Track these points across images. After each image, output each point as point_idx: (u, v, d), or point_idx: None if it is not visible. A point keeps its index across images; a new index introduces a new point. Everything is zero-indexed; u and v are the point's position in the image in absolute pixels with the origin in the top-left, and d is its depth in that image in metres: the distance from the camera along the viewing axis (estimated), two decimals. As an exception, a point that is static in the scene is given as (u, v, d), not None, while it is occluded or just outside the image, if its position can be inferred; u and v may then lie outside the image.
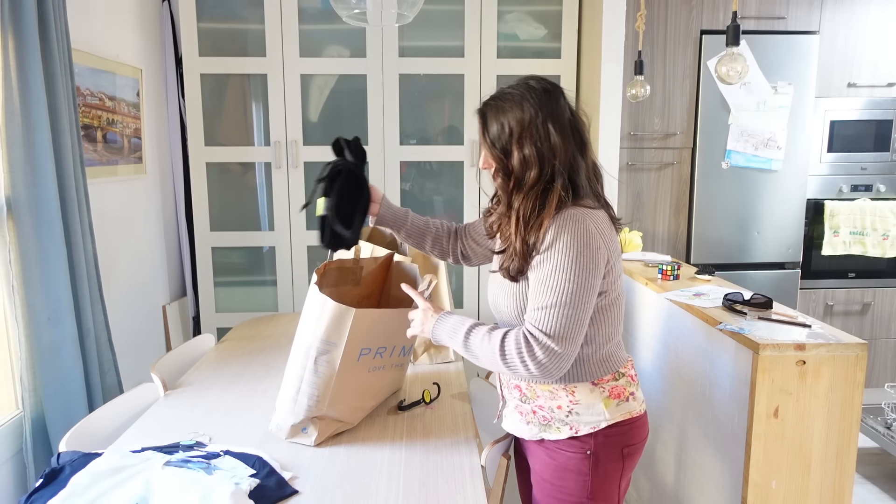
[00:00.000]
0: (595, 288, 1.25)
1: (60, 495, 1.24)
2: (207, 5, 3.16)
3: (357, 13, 2.07)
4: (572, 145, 1.30)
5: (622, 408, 1.37)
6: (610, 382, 1.36)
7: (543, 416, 1.39)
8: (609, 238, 1.29)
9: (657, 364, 2.32)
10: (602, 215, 1.31)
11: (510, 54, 3.30)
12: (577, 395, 1.35)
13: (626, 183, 3.26)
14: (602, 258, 1.25)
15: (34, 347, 1.88)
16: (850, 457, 1.70)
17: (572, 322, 1.22)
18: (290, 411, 1.53)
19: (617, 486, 1.40)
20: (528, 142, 1.28)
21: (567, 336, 1.22)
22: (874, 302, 3.45)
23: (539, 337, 1.23)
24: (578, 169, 1.30)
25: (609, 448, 1.36)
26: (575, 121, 1.34)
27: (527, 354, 1.22)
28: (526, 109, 1.29)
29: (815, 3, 3.24)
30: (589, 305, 1.24)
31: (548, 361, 1.22)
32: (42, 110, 1.85)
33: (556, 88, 1.34)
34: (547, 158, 1.28)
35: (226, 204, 3.34)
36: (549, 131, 1.28)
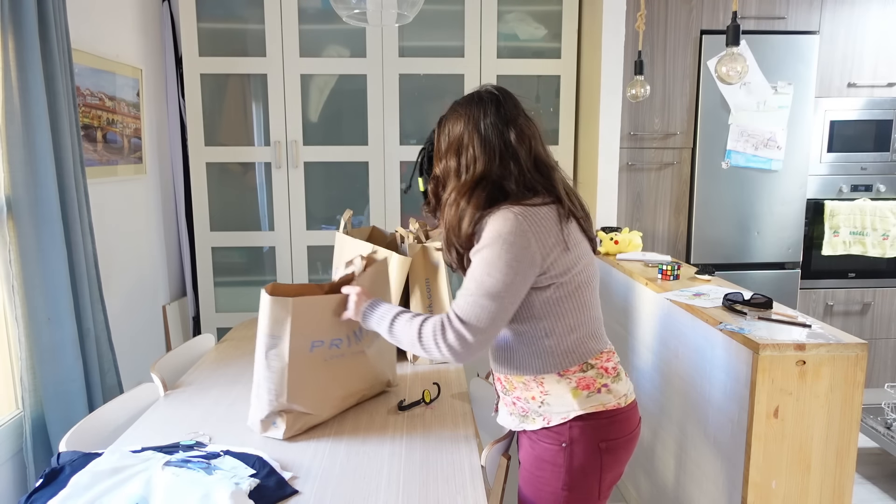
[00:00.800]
0: (519, 284, 1.29)
1: (60, 495, 1.24)
2: (207, 5, 3.16)
3: (357, 13, 2.07)
4: (493, 158, 1.36)
5: (593, 399, 1.37)
6: (577, 374, 1.38)
7: (521, 408, 1.44)
8: (546, 233, 1.31)
9: (657, 364, 2.32)
10: (545, 211, 1.33)
11: (510, 54, 3.30)
12: (545, 385, 1.38)
13: (626, 183, 3.26)
14: (531, 254, 1.29)
15: (34, 347, 1.88)
16: (850, 457, 1.70)
17: (488, 313, 1.28)
18: (256, 406, 1.58)
19: (597, 481, 1.40)
20: (453, 153, 1.39)
21: (480, 326, 1.28)
22: (874, 302, 3.45)
23: (455, 322, 1.30)
24: (508, 174, 1.36)
25: (584, 441, 1.37)
26: (506, 130, 1.38)
27: (440, 338, 1.31)
28: (459, 123, 1.40)
29: (815, 3, 3.24)
30: (509, 300, 1.29)
31: (459, 346, 1.29)
32: (42, 110, 1.85)
33: (492, 98, 1.40)
34: (464, 170, 1.37)
35: (226, 204, 3.34)
36: (471, 145, 1.37)
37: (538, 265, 1.31)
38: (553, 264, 1.32)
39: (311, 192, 3.34)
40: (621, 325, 2.68)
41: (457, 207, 1.37)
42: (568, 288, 1.35)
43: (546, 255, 1.31)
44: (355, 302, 1.51)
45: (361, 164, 3.33)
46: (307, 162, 3.30)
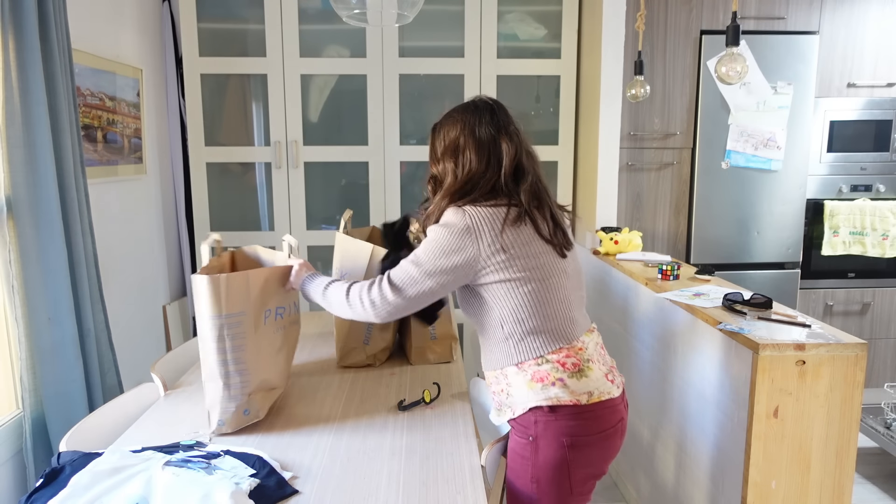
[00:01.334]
0: (449, 270, 1.42)
1: (60, 495, 1.24)
2: (207, 5, 3.16)
3: (357, 13, 2.07)
4: (485, 160, 1.49)
5: (547, 391, 1.41)
6: (532, 366, 1.44)
7: (497, 401, 1.53)
8: (489, 231, 1.42)
9: (657, 364, 2.32)
10: (496, 212, 1.44)
11: (510, 54, 3.30)
12: (508, 378, 1.47)
13: (626, 183, 3.26)
14: (468, 248, 1.41)
15: (34, 347, 1.88)
16: (849, 457, 1.70)
17: (413, 282, 1.44)
18: (227, 399, 1.55)
19: (566, 476, 1.43)
20: (449, 157, 1.51)
21: (403, 290, 1.45)
22: (874, 302, 3.45)
23: (383, 282, 1.47)
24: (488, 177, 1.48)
25: (548, 436, 1.42)
26: (497, 136, 1.50)
27: (366, 293, 1.48)
28: (455, 128, 1.52)
29: (815, 3, 3.24)
30: (436, 280, 1.42)
31: (378, 301, 1.46)
32: (42, 110, 1.85)
33: (486, 107, 1.53)
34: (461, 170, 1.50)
35: (226, 204, 3.35)
36: (466, 150, 1.49)
37: (478, 259, 1.42)
38: (495, 260, 1.42)
39: (311, 192, 3.34)
40: (621, 325, 2.68)
41: (440, 201, 1.50)
42: (513, 285, 1.43)
43: (488, 251, 1.41)
44: (296, 272, 1.64)
45: (361, 164, 3.33)
46: (307, 162, 3.30)
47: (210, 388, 1.56)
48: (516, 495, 1.49)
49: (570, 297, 1.49)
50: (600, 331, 2.95)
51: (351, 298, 1.50)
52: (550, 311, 1.45)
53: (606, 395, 1.45)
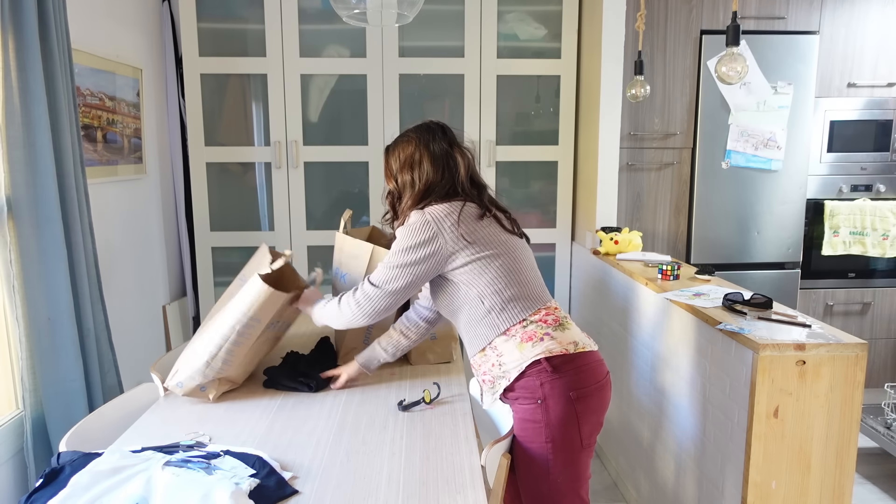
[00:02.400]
0: (418, 262, 1.59)
1: (60, 495, 1.24)
2: (207, 5, 3.16)
3: (357, 13, 2.07)
4: (439, 172, 1.67)
5: (538, 347, 1.55)
6: (519, 330, 1.58)
7: (489, 381, 1.63)
8: (449, 220, 1.59)
9: (657, 364, 2.32)
10: (452, 206, 1.62)
11: (510, 54, 3.30)
12: (498, 349, 1.59)
13: (626, 183, 3.26)
14: (429, 240, 1.58)
15: (34, 347, 1.88)
16: (850, 457, 1.70)
17: (389, 278, 1.61)
18: (199, 373, 1.71)
19: (576, 430, 1.56)
20: (407, 170, 1.69)
21: (381, 287, 1.63)
22: (874, 302, 3.45)
23: (365, 284, 1.66)
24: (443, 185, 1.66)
25: (556, 394, 1.54)
26: (451, 150, 1.69)
27: (351, 298, 1.67)
28: (409, 145, 1.70)
29: (815, 3, 3.24)
30: (410, 270, 1.59)
31: (363, 300, 1.65)
32: (42, 110, 1.85)
33: (438, 126, 1.72)
34: (417, 182, 1.67)
35: (226, 204, 3.35)
36: (423, 163, 1.67)
37: (444, 247, 1.59)
38: (460, 245, 1.59)
39: (311, 192, 3.34)
40: (621, 325, 2.68)
41: (404, 209, 1.68)
42: (485, 262, 1.60)
43: (452, 238, 1.58)
44: (305, 298, 1.84)
45: (361, 164, 3.33)
46: (307, 162, 3.30)
47: (192, 356, 1.72)
48: (530, 463, 1.58)
49: (534, 267, 1.69)
50: (600, 331, 2.95)
51: (341, 305, 1.70)
52: (524, 277, 1.62)
53: (589, 347, 1.61)
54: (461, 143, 1.74)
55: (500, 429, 1.78)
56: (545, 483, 1.58)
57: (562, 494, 1.58)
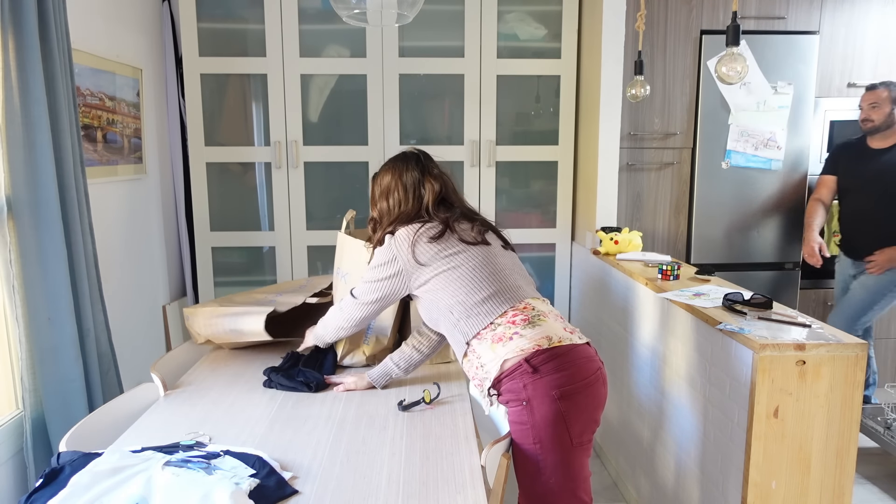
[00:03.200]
0: (384, 278, 1.74)
1: (60, 495, 1.24)
2: (207, 5, 3.16)
3: (357, 13, 2.07)
4: (410, 199, 1.80)
5: (508, 346, 1.57)
6: (489, 332, 1.61)
7: (478, 383, 1.65)
8: (407, 242, 1.71)
9: (657, 364, 2.32)
10: (412, 227, 1.74)
11: (510, 54, 3.30)
12: (476, 352, 1.63)
13: (626, 183, 3.26)
14: (391, 260, 1.72)
15: (34, 347, 1.88)
16: (850, 457, 1.70)
17: (364, 292, 1.79)
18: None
19: (564, 429, 1.55)
20: (385, 199, 1.84)
21: (359, 298, 1.80)
22: (874, 302, 3.45)
23: (350, 293, 1.83)
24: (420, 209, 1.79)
25: (539, 395, 1.54)
26: (422, 178, 1.82)
27: (339, 307, 1.86)
28: (386, 176, 1.85)
29: (815, 3, 3.24)
30: (379, 285, 1.75)
31: (346, 306, 1.83)
32: (42, 110, 1.85)
33: (413, 157, 1.86)
34: (393, 208, 1.82)
35: (226, 204, 3.35)
36: (397, 192, 1.82)
37: (404, 267, 1.71)
38: (417, 263, 1.70)
39: (311, 192, 3.34)
40: (621, 325, 2.68)
41: (380, 233, 1.82)
42: (445, 276, 1.68)
43: (409, 258, 1.70)
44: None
45: (361, 164, 3.33)
46: (307, 162, 3.30)
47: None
48: (524, 464, 1.58)
49: (507, 268, 1.73)
50: (600, 331, 2.95)
51: (334, 311, 1.88)
52: (486, 282, 1.67)
53: (568, 341, 1.59)
54: (434, 169, 1.86)
55: (500, 429, 1.78)
56: (539, 484, 1.58)
57: (556, 495, 1.58)
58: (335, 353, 2.06)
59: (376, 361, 2.05)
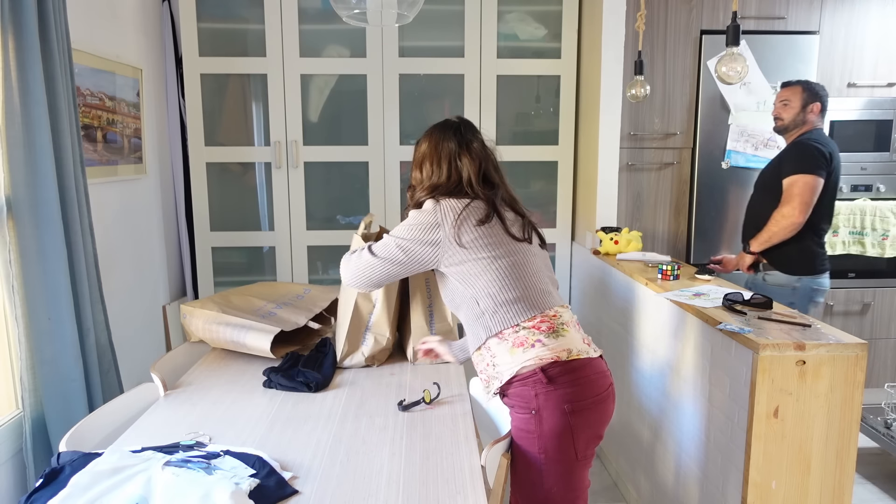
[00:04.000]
0: (415, 241, 1.63)
1: (60, 495, 1.24)
2: (207, 5, 3.16)
3: (357, 13, 2.07)
4: (454, 169, 1.71)
5: (528, 353, 1.53)
6: (511, 334, 1.56)
7: (485, 378, 1.63)
8: (453, 215, 1.62)
9: (657, 364, 2.32)
10: (458, 202, 1.64)
11: (510, 54, 3.30)
12: (491, 350, 1.59)
13: (626, 183, 3.26)
14: (432, 226, 1.62)
15: (34, 347, 1.88)
16: (850, 457, 1.70)
17: (385, 246, 1.67)
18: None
19: (571, 443, 1.53)
20: (425, 165, 1.74)
21: (376, 252, 1.68)
22: (874, 302, 3.45)
23: (366, 249, 1.70)
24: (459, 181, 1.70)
25: (550, 407, 1.51)
26: (459, 150, 1.72)
27: (354, 255, 1.73)
28: (424, 143, 1.76)
29: (815, 3, 3.24)
30: (406, 247, 1.63)
31: (359, 262, 1.70)
32: (42, 110, 1.85)
33: (452, 126, 1.75)
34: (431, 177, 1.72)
35: (226, 204, 3.34)
36: (441, 160, 1.72)
37: (441, 240, 1.61)
38: (457, 243, 1.60)
39: (311, 192, 3.34)
40: (621, 325, 2.68)
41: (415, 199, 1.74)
42: (482, 264, 1.61)
43: (451, 234, 1.61)
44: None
45: (361, 164, 3.33)
46: (307, 162, 3.30)
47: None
48: (526, 470, 1.57)
49: (540, 272, 1.66)
50: (600, 331, 2.95)
51: (350, 260, 1.74)
52: (521, 283, 1.61)
53: (585, 355, 1.57)
54: (474, 143, 1.75)
55: (500, 429, 1.78)
56: (539, 491, 1.57)
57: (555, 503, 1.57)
58: (335, 354, 2.06)
59: (375, 362, 2.05)
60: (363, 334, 2.06)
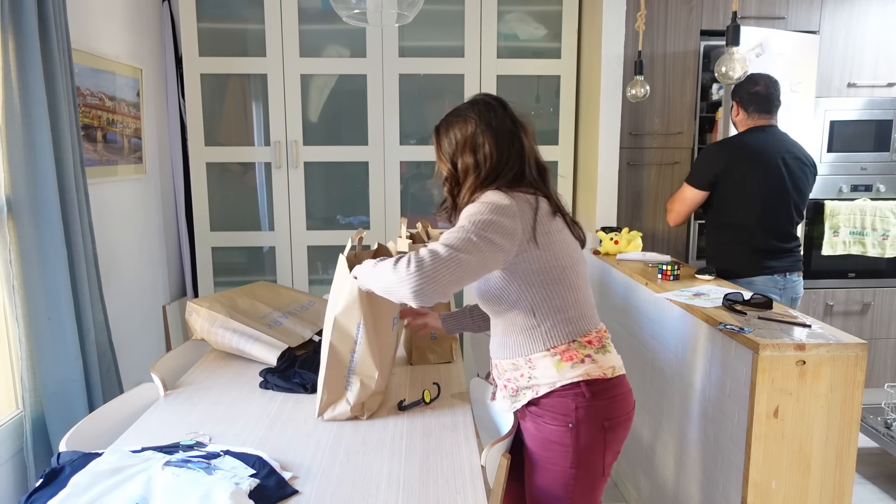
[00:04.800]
0: (494, 241, 1.35)
1: (60, 495, 1.24)
2: (207, 5, 3.16)
3: (357, 13, 2.07)
4: (505, 152, 1.49)
5: (577, 369, 1.46)
6: (562, 348, 1.47)
7: (512, 388, 1.54)
8: (529, 217, 1.42)
9: (657, 364, 2.32)
10: (534, 199, 1.45)
11: (510, 54, 3.30)
12: (533, 362, 1.48)
13: (626, 183, 3.26)
14: (512, 226, 1.39)
15: (34, 347, 1.88)
16: (850, 457, 1.70)
17: (464, 243, 1.33)
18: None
19: (601, 458, 1.49)
20: (468, 152, 1.50)
21: (455, 246, 1.32)
22: (874, 302, 3.45)
23: (432, 244, 1.37)
24: (510, 168, 1.49)
25: (589, 421, 1.46)
26: (515, 129, 1.51)
27: (413, 256, 1.32)
28: (467, 126, 1.51)
29: (815, 3, 3.24)
30: (483, 247, 1.34)
31: (428, 259, 1.30)
32: (42, 110, 1.85)
33: (495, 105, 1.53)
34: (482, 165, 1.49)
35: (226, 204, 3.34)
36: (485, 143, 1.48)
37: (517, 239, 1.40)
38: (531, 245, 1.42)
39: (311, 192, 3.34)
40: (621, 325, 2.68)
41: (468, 194, 1.49)
42: (550, 273, 1.45)
43: (525, 235, 1.41)
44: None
45: (361, 164, 3.33)
46: (307, 162, 3.30)
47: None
48: (548, 484, 1.51)
49: (588, 281, 1.57)
50: (600, 331, 2.95)
51: (399, 266, 1.33)
52: (580, 296, 1.50)
53: (621, 371, 1.53)
54: (523, 119, 1.54)
55: (500, 429, 1.78)
56: None
57: None
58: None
59: (365, 412, 1.68)
60: (346, 378, 1.67)
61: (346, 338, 1.63)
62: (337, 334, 1.62)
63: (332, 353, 1.63)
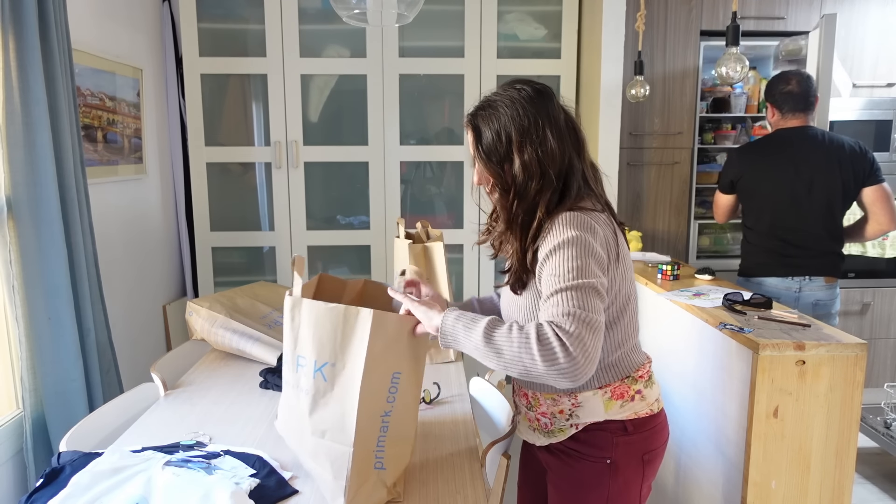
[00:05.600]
0: (600, 290, 1.14)
1: (60, 495, 1.24)
2: (207, 5, 3.16)
3: (357, 13, 2.07)
4: (569, 148, 1.25)
5: (626, 408, 1.30)
6: (615, 384, 1.30)
7: (545, 424, 1.35)
8: (610, 239, 1.22)
9: (657, 364, 2.32)
10: (603, 218, 1.23)
11: (510, 54, 3.30)
12: (578, 399, 1.30)
13: (626, 183, 3.26)
14: (603, 259, 1.18)
15: (34, 347, 1.88)
16: (849, 457, 1.70)
17: (583, 303, 1.09)
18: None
19: (638, 493, 1.36)
20: (527, 148, 1.21)
21: (589, 316, 1.08)
22: (874, 302, 3.45)
23: (556, 320, 1.08)
24: (575, 171, 1.25)
25: (629, 456, 1.32)
26: (570, 122, 1.28)
27: (561, 337, 1.06)
28: (521, 114, 1.22)
29: (815, 4, 3.24)
30: (601, 304, 1.14)
31: (574, 344, 1.05)
32: (42, 110, 1.85)
33: (548, 89, 1.28)
34: (547, 164, 1.22)
35: (226, 204, 3.34)
36: (547, 135, 1.21)
37: (605, 262, 1.19)
38: (612, 275, 1.22)
39: (311, 192, 3.34)
40: (621, 325, 2.67)
41: (541, 209, 1.21)
42: (617, 304, 1.25)
43: (612, 263, 1.21)
44: (424, 310, 1.21)
45: (361, 164, 3.33)
46: (307, 162, 3.30)
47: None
48: None
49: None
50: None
51: (545, 347, 1.05)
52: (637, 326, 1.35)
53: (661, 403, 1.39)
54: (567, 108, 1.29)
55: (500, 429, 1.78)
56: None
57: None
58: None
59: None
60: (374, 453, 1.25)
61: (375, 397, 1.20)
62: (366, 397, 1.17)
63: (360, 425, 1.18)
